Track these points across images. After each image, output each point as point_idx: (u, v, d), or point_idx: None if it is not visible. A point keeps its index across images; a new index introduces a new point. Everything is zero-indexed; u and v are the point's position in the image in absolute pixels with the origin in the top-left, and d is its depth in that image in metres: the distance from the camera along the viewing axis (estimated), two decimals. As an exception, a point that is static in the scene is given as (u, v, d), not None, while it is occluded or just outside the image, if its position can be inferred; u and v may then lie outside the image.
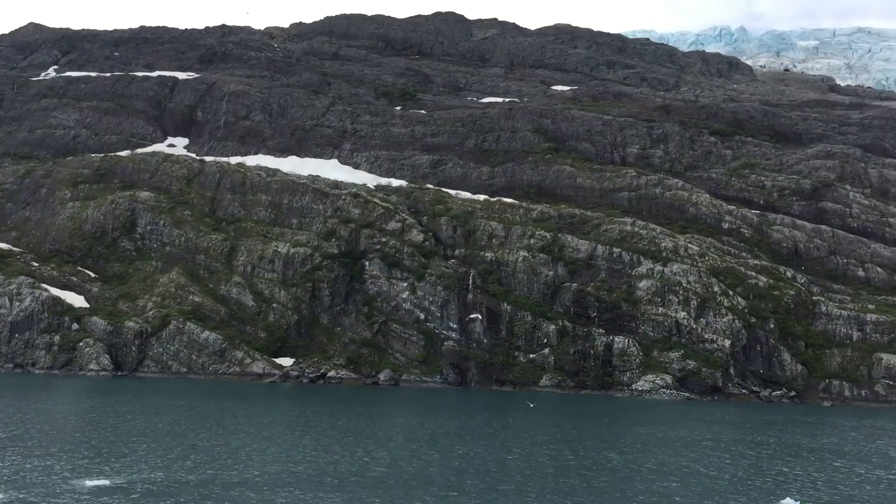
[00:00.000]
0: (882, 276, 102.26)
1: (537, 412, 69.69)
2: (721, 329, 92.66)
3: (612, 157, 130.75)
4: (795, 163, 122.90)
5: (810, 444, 49.04)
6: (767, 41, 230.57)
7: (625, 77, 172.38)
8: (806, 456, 43.31)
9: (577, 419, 61.50)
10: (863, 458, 43.70)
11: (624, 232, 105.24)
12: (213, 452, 37.53)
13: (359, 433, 46.48)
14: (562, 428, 53.59)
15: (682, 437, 50.74)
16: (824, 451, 45.79)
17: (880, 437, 55.40)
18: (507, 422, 56.86)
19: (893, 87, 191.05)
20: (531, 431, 50.88)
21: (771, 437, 51.79)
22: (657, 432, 52.30)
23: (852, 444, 49.85)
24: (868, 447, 48.53)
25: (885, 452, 46.31)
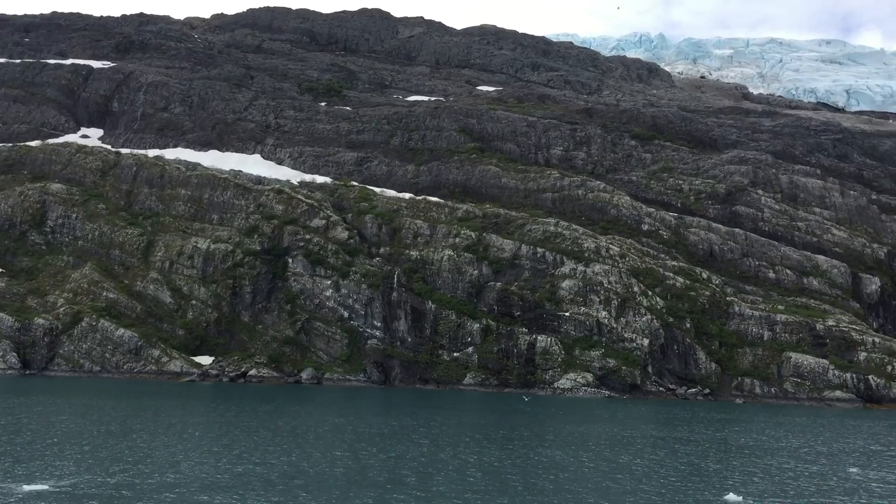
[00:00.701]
0: (791, 278, 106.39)
1: (465, 410, 69.91)
2: (640, 328, 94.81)
3: (536, 159, 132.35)
4: (711, 167, 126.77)
5: (738, 440, 50.52)
6: (685, 49, 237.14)
7: (549, 79, 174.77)
8: (737, 452, 44.56)
9: (505, 417, 61.86)
10: (791, 453, 45.18)
11: (547, 232, 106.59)
12: (150, 454, 36.21)
13: (289, 433, 45.64)
14: (492, 426, 53.81)
15: (615, 434, 51.61)
16: (753, 447, 47.22)
17: (800, 433, 57.52)
18: (436, 420, 56.73)
19: (802, 97, 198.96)
20: (462, 430, 50.90)
21: (700, 435, 53.14)
22: (590, 430, 53.09)
23: (776, 440, 51.54)
24: (793, 442, 50.26)
25: (812, 447, 48.05)
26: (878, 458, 44.22)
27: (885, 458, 43.88)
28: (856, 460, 42.54)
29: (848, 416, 78.25)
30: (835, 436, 55.68)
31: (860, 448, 48.61)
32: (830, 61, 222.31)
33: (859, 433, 58.60)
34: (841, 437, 54.58)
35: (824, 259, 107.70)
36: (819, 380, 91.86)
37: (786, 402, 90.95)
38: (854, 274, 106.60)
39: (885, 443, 52.29)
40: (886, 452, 47.02)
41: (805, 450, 46.84)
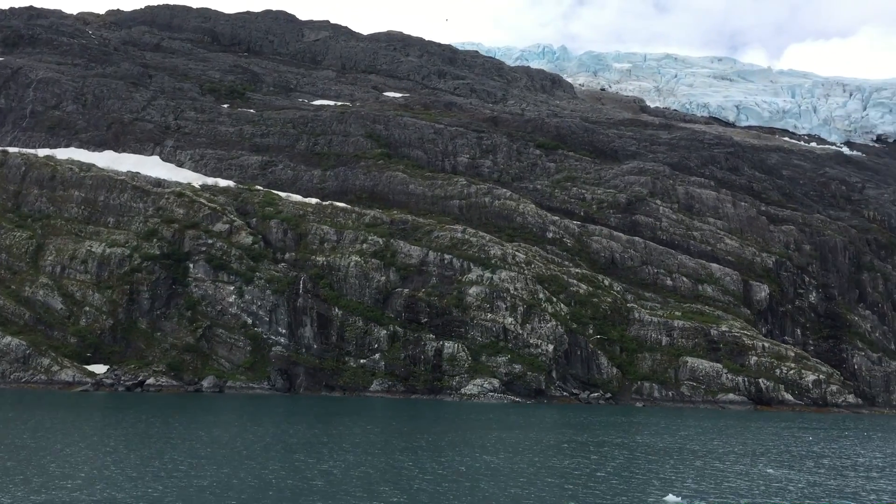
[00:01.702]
0: (687, 285, 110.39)
1: (374, 418, 69.22)
2: (545, 334, 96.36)
3: (443, 166, 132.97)
4: (612, 177, 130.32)
5: (659, 443, 51.70)
6: (586, 61, 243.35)
7: (455, 87, 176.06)
8: (664, 455, 45.50)
9: (420, 424, 61.55)
10: (713, 454, 46.50)
11: (455, 239, 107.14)
12: (61, 471, 34.08)
13: (212, 444, 43.98)
14: (409, 433, 53.35)
15: (540, 439, 52.06)
16: (676, 449, 48.40)
17: (714, 435, 59.43)
18: (349, 428, 55.86)
19: (696, 111, 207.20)
20: (380, 437, 50.24)
21: (623, 438, 54.21)
22: (510, 436, 53.36)
23: (694, 442, 53.05)
24: (711, 444, 51.80)
25: (730, 449, 49.62)
26: (787, 458, 46.06)
27: (793, 459, 45.77)
28: (769, 461, 44.23)
29: (743, 417, 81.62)
30: (745, 437, 57.89)
31: (771, 449, 50.62)
32: (722, 78, 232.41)
33: (762, 434, 61.09)
34: (751, 439, 56.77)
35: (718, 267, 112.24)
36: (713, 383, 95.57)
37: (682, 405, 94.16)
38: (745, 281, 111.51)
39: (788, 443, 54.65)
40: (793, 452, 49.11)
41: (723, 451, 48.45)
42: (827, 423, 77.08)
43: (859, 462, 45.53)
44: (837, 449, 52.20)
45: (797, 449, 51.06)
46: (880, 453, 50.71)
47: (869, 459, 46.67)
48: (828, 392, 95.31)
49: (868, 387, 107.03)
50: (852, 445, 55.05)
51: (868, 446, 55.08)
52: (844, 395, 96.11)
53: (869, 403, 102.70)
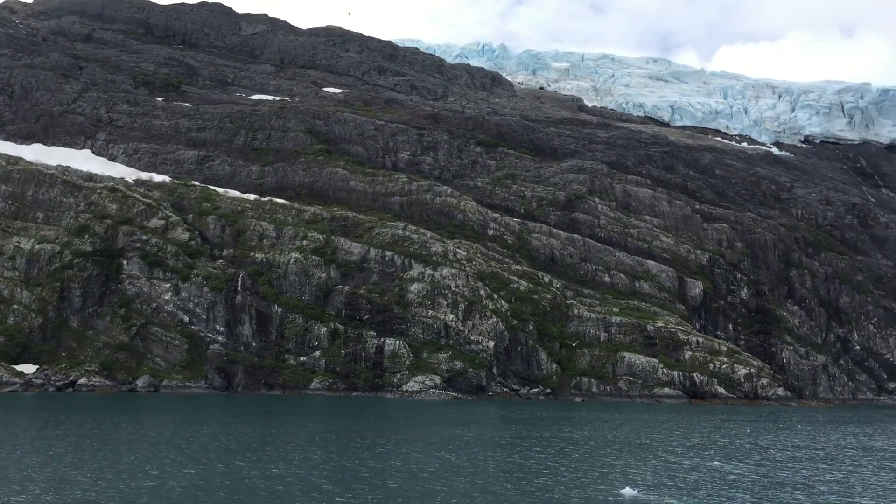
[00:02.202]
0: (625, 282, 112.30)
1: (316, 416, 68.61)
2: (486, 331, 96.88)
3: (384, 162, 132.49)
4: (552, 175, 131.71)
5: (608, 437, 52.32)
6: (525, 60, 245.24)
7: (396, 84, 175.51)
8: (615, 448, 46.02)
9: (364, 421, 61.16)
10: (662, 448, 47.23)
11: (396, 236, 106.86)
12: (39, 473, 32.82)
13: (130, 444, 42.87)
14: (353, 431, 52.91)
15: (491, 436, 52.22)
16: (624, 443, 49.08)
17: (659, 428, 60.46)
18: (290, 427, 55.19)
19: (632, 111, 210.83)
20: (323, 436, 49.70)
21: (571, 433, 54.74)
22: (460, 432, 53.43)
23: (639, 435, 53.89)
24: (658, 438, 52.64)
25: (678, 442, 50.48)
26: (733, 450, 47.10)
27: (740, 451, 46.89)
28: (717, 454, 45.22)
29: (679, 411, 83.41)
30: (688, 431, 59.10)
31: (716, 442, 51.69)
32: (657, 78, 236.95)
33: (704, 428, 62.53)
34: (695, 432, 57.94)
35: (654, 264, 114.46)
36: (650, 378, 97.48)
37: (620, 400, 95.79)
38: (680, 278, 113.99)
39: (730, 436, 55.99)
40: (738, 445, 50.33)
41: (670, 444, 49.38)
42: (760, 415, 79.32)
43: (803, 454, 46.92)
44: (778, 441, 53.70)
45: (740, 441, 52.36)
46: (821, 444, 52.37)
47: (811, 451, 48.12)
48: (758, 385, 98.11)
49: (796, 380, 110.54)
50: (791, 437, 56.72)
51: (806, 438, 56.84)
52: (774, 388, 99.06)
53: (797, 396, 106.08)
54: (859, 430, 65.15)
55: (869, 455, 47.57)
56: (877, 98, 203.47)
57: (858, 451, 49.23)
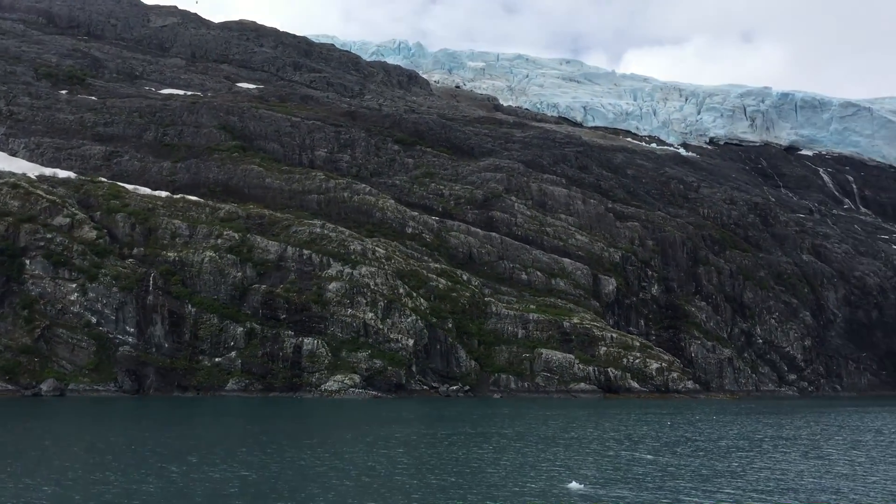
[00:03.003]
0: (541, 280, 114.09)
1: (232, 418, 67.24)
2: (406, 329, 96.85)
3: (300, 160, 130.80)
4: (469, 174, 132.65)
5: (540, 432, 52.86)
6: (441, 59, 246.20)
7: (311, 80, 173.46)
8: (552, 444, 46.43)
9: (285, 422, 60.25)
10: (596, 442, 48.12)
11: (314, 234, 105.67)
12: None
13: (35, 451, 41.02)
14: (286, 432, 52.00)
15: (423, 433, 52.12)
16: (558, 437, 49.74)
17: (583, 422, 61.70)
18: (204, 430, 53.90)
19: (546, 111, 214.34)
20: (240, 437, 48.66)
21: (504, 428, 55.16)
22: (397, 431, 53.17)
23: (568, 430, 54.71)
24: (588, 433, 53.54)
25: (609, 436, 51.51)
26: (663, 443, 48.41)
27: (668, 443, 48.24)
28: (648, 447, 46.38)
29: (596, 405, 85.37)
30: (614, 425, 60.47)
31: (645, 435, 53.11)
32: (570, 79, 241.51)
33: (627, 421, 64.07)
34: (621, 426, 59.31)
35: (569, 262, 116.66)
36: (566, 373, 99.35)
37: (537, 396, 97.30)
38: (594, 275, 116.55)
39: (655, 429, 57.56)
40: (665, 437, 51.84)
41: (602, 438, 50.45)
42: (674, 408, 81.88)
43: (728, 444, 48.70)
44: (701, 432, 55.50)
45: (666, 434, 53.91)
46: (742, 435, 54.40)
47: (734, 441, 49.95)
48: (669, 379, 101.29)
49: (704, 373, 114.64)
50: (711, 429, 58.73)
51: (724, 429, 58.96)
52: (684, 381, 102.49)
53: (705, 389, 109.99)
54: (771, 420, 68.09)
55: (789, 442, 49.93)
56: (777, 102, 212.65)
57: (778, 440, 51.53)
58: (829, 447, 47.87)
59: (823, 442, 51.06)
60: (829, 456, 43.61)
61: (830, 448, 47.28)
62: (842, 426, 62.82)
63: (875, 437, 54.19)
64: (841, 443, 50.60)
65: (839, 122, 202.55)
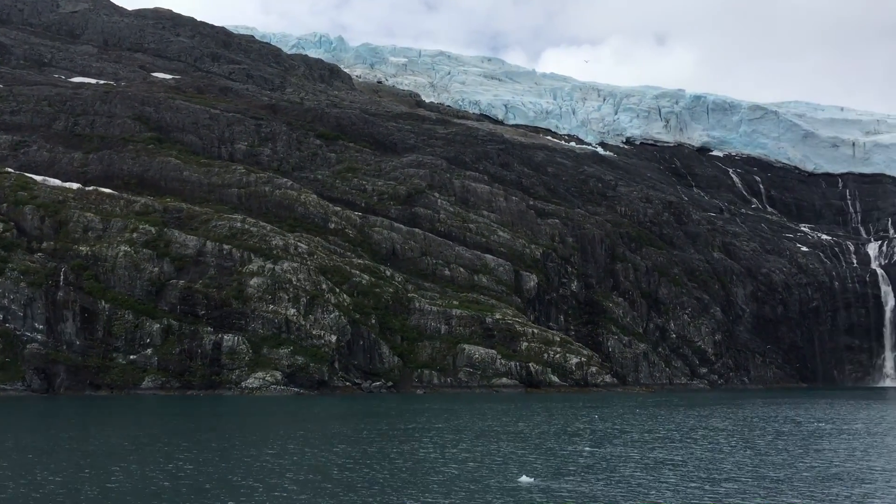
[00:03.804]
0: (464, 276, 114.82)
1: (148, 416, 65.53)
2: (328, 325, 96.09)
3: (219, 153, 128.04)
4: (392, 170, 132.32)
5: (477, 427, 53.18)
6: (363, 53, 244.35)
7: (231, 72, 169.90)
8: (492, 439, 46.62)
9: (205, 421, 58.96)
10: (535, 436, 48.60)
11: (234, 229, 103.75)
12: None
13: None
14: (216, 431, 50.82)
15: (359, 429, 51.62)
16: (497, 433, 49.99)
17: (515, 416, 62.21)
18: (115, 430, 52.28)
19: (468, 108, 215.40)
20: (156, 438, 47.39)
21: (440, 423, 55.30)
22: (332, 427, 52.68)
23: (504, 424, 55.20)
24: (524, 427, 54.10)
25: (546, 430, 52.12)
26: (600, 436, 49.39)
27: (605, 436, 49.25)
28: (586, 439, 47.23)
29: (520, 399, 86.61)
30: (548, 418, 61.39)
31: (580, 428, 54.07)
32: (491, 77, 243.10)
33: (558, 414, 65.19)
34: (553, 420, 60.21)
35: (492, 258, 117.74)
36: (488, 369, 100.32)
37: (460, 391, 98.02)
38: (516, 272, 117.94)
39: (587, 422, 58.62)
40: (599, 430, 52.97)
41: (539, 432, 51.12)
42: (596, 401, 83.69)
43: (662, 435, 50.16)
44: (630, 425, 56.87)
45: (599, 427, 55.13)
46: (670, 426, 56.04)
47: (666, 432, 51.41)
48: (588, 373, 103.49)
49: (620, 367, 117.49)
50: (639, 421, 60.29)
51: (651, 420, 60.65)
52: (602, 375, 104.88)
53: (622, 382, 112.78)
54: (695, 412, 70.43)
55: (720, 433, 51.83)
56: (690, 104, 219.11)
57: (707, 430, 53.48)
58: (757, 437, 49.99)
59: (749, 431, 53.30)
60: (756, 445, 45.46)
61: (759, 438, 49.33)
62: (763, 417, 65.57)
63: (795, 427, 56.86)
64: (768, 432, 52.86)
65: (748, 124, 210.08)
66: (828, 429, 55.38)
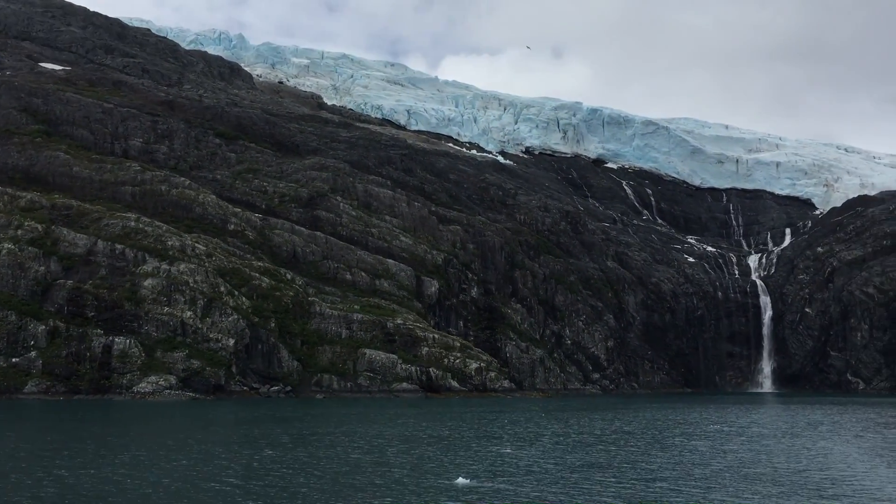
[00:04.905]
0: (366, 280, 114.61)
1: (28, 423, 62.54)
2: (226, 328, 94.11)
3: (113, 149, 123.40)
4: (294, 172, 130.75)
5: (396, 432, 53.24)
6: (264, 52, 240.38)
7: (125, 65, 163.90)
8: (417, 442, 46.87)
9: (93, 427, 56.71)
10: (456, 438, 49.04)
11: (128, 228, 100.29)
12: None
13: None
14: (78, 437, 48.83)
15: (279, 433, 50.90)
16: (422, 436, 50.23)
17: (430, 421, 62.50)
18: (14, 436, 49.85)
19: (370, 112, 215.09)
20: (37, 445, 45.27)
21: (361, 429, 54.81)
22: (249, 432, 51.42)
23: (420, 429, 55.39)
24: (440, 430, 54.43)
25: (462, 433, 52.62)
26: (522, 439, 50.11)
27: (526, 439, 50.02)
28: (506, 442, 47.89)
29: (423, 404, 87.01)
30: (461, 423, 61.88)
31: (497, 431, 54.89)
32: (394, 82, 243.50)
33: (468, 419, 65.87)
34: (465, 424, 60.79)
35: (393, 263, 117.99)
36: (389, 373, 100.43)
37: (360, 396, 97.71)
38: (417, 277, 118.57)
39: (503, 426, 59.70)
40: (519, 433, 53.85)
41: (458, 436, 51.56)
42: (498, 406, 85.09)
43: (575, 438, 51.54)
44: (542, 428, 58.19)
45: (516, 430, 56.19)
46: (583, 430, 57.66)
47: (582, 436, 52.89)
48: (487, 378, 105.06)
49: (518, 373, 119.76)
50: (551, 425, 61.69)
51: (561, 425, 62.13)
52: (501, 380, 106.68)
53: (519, 388, 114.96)
54: (596, 415, 72.80)
55: (628, 436, 53.84)
56: (586, 116, 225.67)
57: (619, 434, 55.38)
58: (666, 438, 52.52)
59: (658, 433, 55.87)
60: (669, 446, 47.69)
61: (668, 439, 51.79)
62: (664, 420, 68.53)
63: (697, 428, 59.99)
64: (675, 434, 55.61)
65: (640, 138, 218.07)
66: (727, 430, 58.54)
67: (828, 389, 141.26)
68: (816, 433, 57.24)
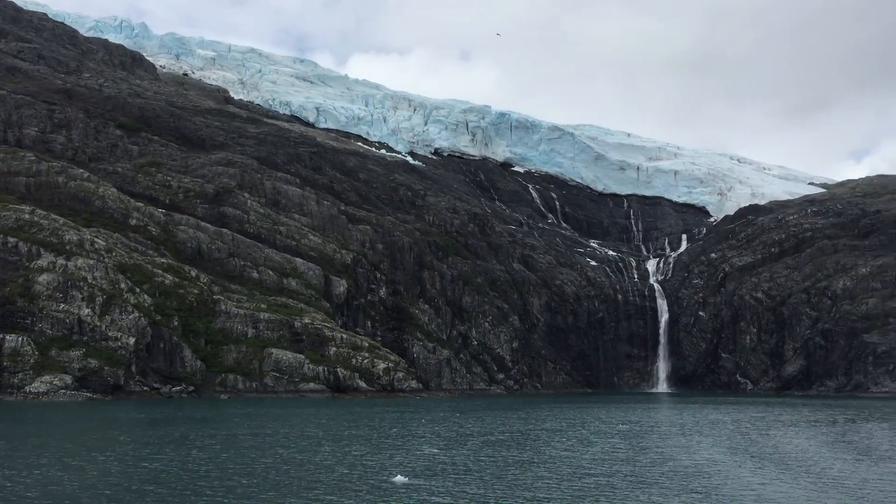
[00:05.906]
0: (273, 279, 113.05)
1: None
2: (126, 327, 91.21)
3: (5, 137, 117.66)
4: (200, 167, 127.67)
5: (326, 432, 52.71)
6: (168, 43, 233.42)
7: (19, 51, 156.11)
8: (344, 442, 46.63)
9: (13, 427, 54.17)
10: (377, 439, 49.06)
11: (21, 220, 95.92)
12: None
13: None
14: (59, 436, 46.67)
15: (203, 435, 49.41)
16: (344, 437, 49.96)
17: (348, 422, 62.10)
18: None
19: (279, 108, 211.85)
20: None
21: (286, 430, 53.92)
22: (153, 435, 49.82)
23: (348, 429, 55.12)
24: (363, 431, 54.23)
25: (385, 433, 52.95)
26: (445, 439, 50.46)
27: (451, 439, 50.31)
28: (430, 442, 48.07)
29: (333, 404, 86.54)
30: (379, 424, 61.86)
31: (414, 432, 55.09)
32: (303, 79, 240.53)
33: (388, 419, 66.01)
34: (385, 425, 60.71)
35: (302, 262, 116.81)
36: (296, 373, 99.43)
37: (266, 396, 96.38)
38: (326, 276, 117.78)
39: (425, 426, 59.93)
40: (442, 433, 54.17)
41: (385, 436, 51.59)
42: (408, 406, 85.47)
43: (505, 437, 52.39)
44: (465, 428, 58.82)
45: (438, 429, 56.68)
46: (507, 429, 58.55)
47: (500, 435, 53.69)
48: (395, 378, 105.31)
49: (425, 373, 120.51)
50: (471, 425, 62.32)
51: (479, 424, 62.84)
52: (409, 381, 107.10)
53: (426, 388, 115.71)
54: (512, 415, 74.42)
55: (557, 434, 55.05)
56: (495, 120, 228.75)
57: (540, 431, 56.67)
58: (591, 436, 54.53)
59: (577, 431, 57.71)
60: (594, 443, 49.53)
61: (594, 436, 53.95)
62: (580, 419, 70.79)
63: (611, 427, 62.26)
64: (604, 431, 58.01)
65: (547, 143, 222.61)
66: (637, 429, 60.90)
67: (719, 390, 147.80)
68: (718, 431, 60.23)
